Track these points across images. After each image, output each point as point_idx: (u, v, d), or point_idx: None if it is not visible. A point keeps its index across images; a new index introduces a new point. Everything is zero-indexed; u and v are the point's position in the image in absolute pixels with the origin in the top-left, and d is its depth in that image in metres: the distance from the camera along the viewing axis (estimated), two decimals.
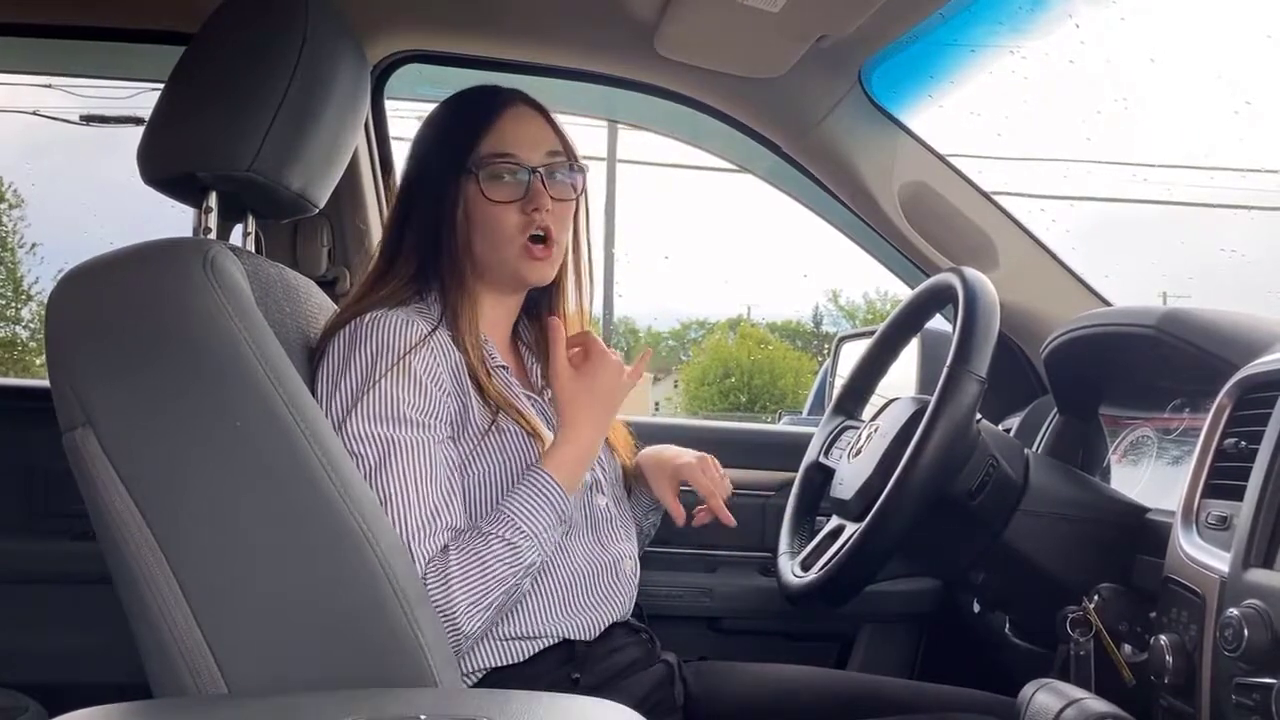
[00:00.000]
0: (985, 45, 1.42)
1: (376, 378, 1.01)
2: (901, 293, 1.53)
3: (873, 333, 2.03)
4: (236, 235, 1.16)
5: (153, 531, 0.86)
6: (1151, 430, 1.33)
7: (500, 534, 1.01)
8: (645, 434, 1.35)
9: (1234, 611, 0.77)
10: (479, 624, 0.98)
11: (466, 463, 1.07)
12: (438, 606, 0.96)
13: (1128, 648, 1.04)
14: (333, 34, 1.09)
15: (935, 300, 1.30)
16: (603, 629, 1.12)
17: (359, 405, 1.01)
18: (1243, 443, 0.88)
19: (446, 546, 0.99)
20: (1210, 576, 0.84)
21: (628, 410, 1.27)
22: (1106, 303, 1.53)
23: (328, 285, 1.50)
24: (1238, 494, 0.85)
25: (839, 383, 1.87)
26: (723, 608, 1.56)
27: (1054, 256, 1.54)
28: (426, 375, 1.04)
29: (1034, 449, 1.37)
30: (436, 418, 1.04)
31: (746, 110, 1.50)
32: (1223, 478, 0.90)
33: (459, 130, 1.13)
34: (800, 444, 1.66)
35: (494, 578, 0.99)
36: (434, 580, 0.97)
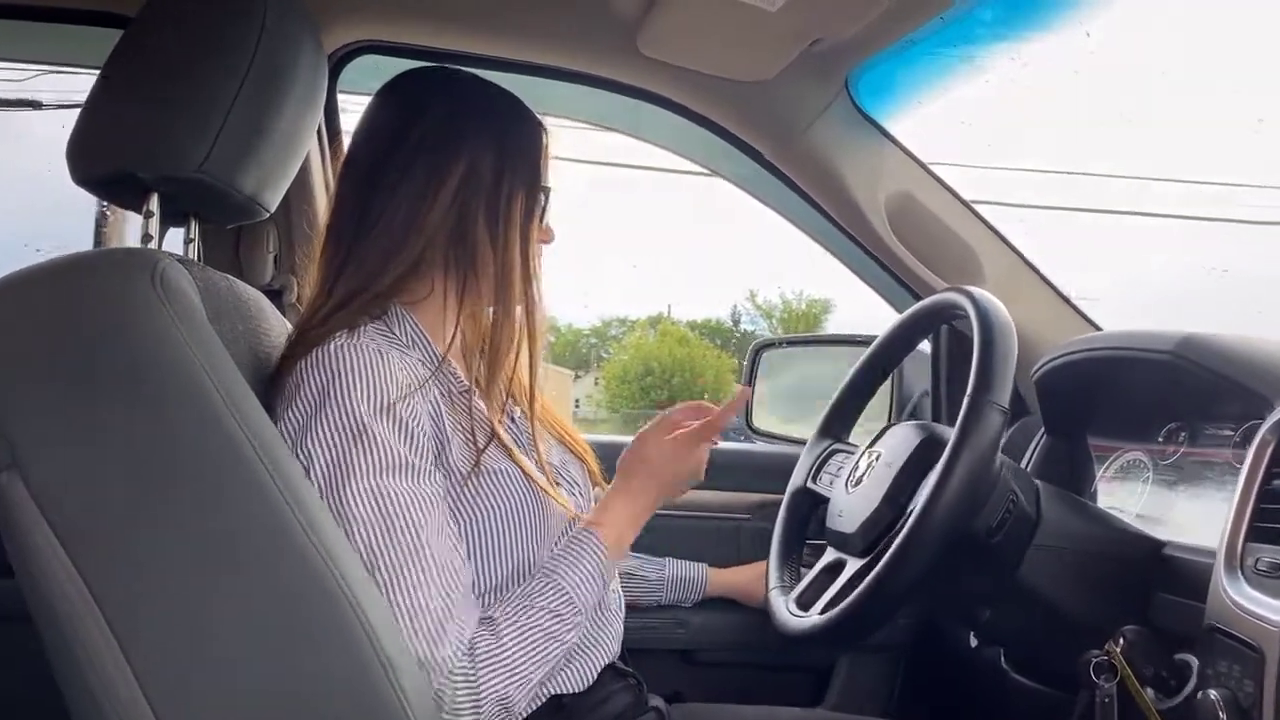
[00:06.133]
0: (978, 54, 1.36)
1: (363, 424, 0.88)
2: (825, 294, 1.47)
3: (794, 340, 1.99)
4: (170, 239, 1.03)
5: (91, 592, 0.74)
6: (1145, 455, 1.29)
7: (549, 606, 0.93)
8: (613, 454, 1.25)
9: None
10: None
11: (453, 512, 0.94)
12: (460, 706, 0.85)
13: (1150, 691, 0.99)
14: (293, 21, 0.98)
15: (934, 318, 1.24)
16: (594, 679, 1.03)
17: (346, 461, 0.87)
18: None
19: (474, 642, 0.87)
20: (1269, 630, 0.79)
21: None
22: (1090, 321, 1.50)
23: (274, 295, 1.37)
24: None
25: (762, 391, 1.81)
26: (697, 640, 1.48)
27: (1039, 273, 1.50)
28: (410, 417, 0.90)
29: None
30: (427, 461, 0.91)
31: (730, 115, 1.42)
32: (1271, 521, 0.85)
33: (531, 147, 1.05)
34: (777, 464, 1.59)
35: (540, 656, 0.91)
36: (461, 684, 0.86)
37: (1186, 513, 1.18)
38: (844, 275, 1.61)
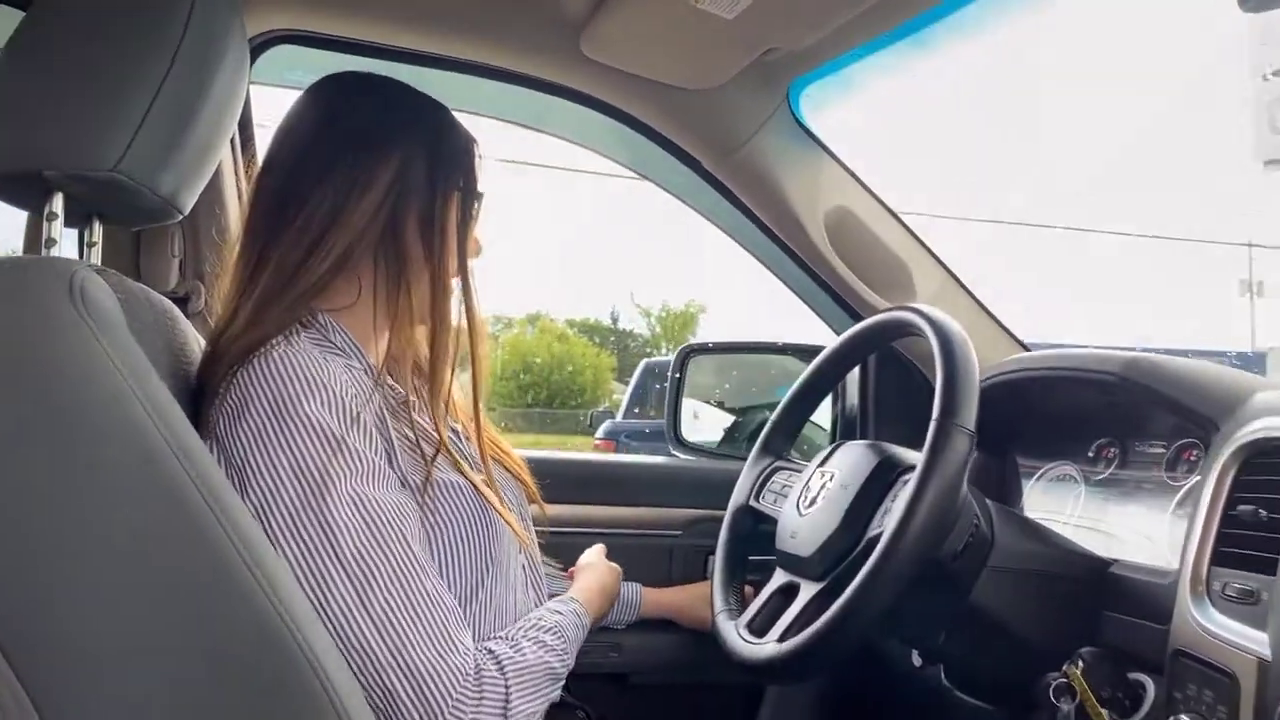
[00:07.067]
0: (918, 62, 1.36)
1: (333, 433, 0.82)
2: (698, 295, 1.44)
3: (721, 347, 1.97)
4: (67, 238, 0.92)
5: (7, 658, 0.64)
6: (1074, 469, 1.32)
7: (537, 637, 0.92)
8: (542, 469, 1.19)
9: None
10: None
11: None
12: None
13: (1106, 712, 1.00)
14: (221, 4, 0.89)
15: (883, 336, 1.22)
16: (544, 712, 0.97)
17: (323, 470, 0.81)
18: (1263, 511, 0.85)
19: (494, 653, 0.86)
20: (1245, 657, 0.80)
21: None
22: (1016, 339, 1.52)
23: (178, 302, 1.25)
24: (1263, 566, 0.81)
25: (688, 398, 1.78)
26: (631, 662, 1.43)
27: (968, 291, 1.52)
28: (372, 424, 0.86)
29: None
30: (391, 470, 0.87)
31: (670, 123, 1.37)
32: (1237, 546, 0.87)
33: (464, 154, 1.01)
34: (708, 479, 1.56)
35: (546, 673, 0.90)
36: (489, 691, 0.84)
37: (1122, 527, 1.20)
38: (716, 276, 1.59)
